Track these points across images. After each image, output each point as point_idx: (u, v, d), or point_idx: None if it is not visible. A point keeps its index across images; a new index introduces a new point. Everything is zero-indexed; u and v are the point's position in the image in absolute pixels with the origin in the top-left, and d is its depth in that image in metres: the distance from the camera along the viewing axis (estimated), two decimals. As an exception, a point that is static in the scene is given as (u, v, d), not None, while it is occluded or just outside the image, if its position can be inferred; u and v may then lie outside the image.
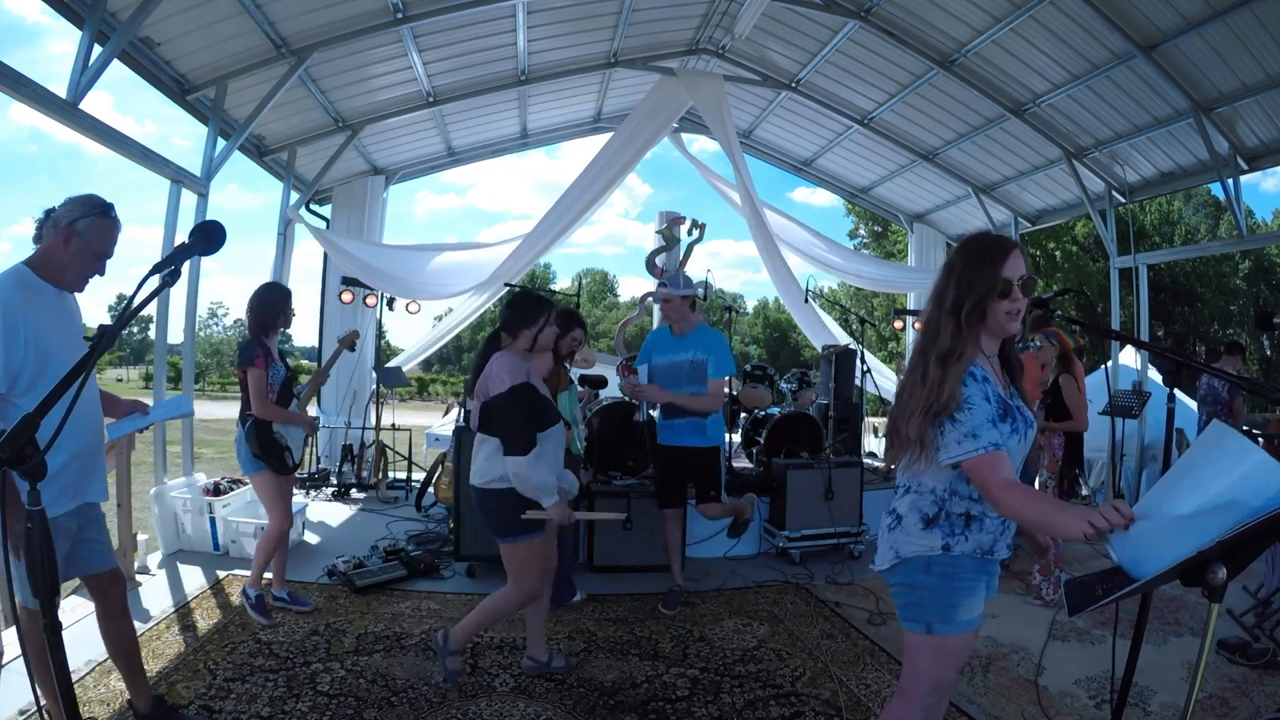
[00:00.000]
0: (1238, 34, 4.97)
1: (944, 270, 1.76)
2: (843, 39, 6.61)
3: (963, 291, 1.68)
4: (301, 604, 3.67)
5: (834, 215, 65.83)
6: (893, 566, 1.78)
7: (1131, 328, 8.10)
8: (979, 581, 1.74)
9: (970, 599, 1.73)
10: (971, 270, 1.69)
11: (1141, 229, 23.67)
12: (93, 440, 2.25)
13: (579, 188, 7.00)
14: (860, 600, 4.08)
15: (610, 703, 2.83)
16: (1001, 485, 1.55)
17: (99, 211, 2.15)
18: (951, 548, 1.70)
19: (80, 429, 2.12)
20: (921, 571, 1.72)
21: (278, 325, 3.57)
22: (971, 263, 1.70)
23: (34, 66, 3.62)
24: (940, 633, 1.72)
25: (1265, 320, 3.21)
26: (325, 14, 5.19)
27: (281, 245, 7.00)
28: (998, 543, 1.75)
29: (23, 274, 2.09)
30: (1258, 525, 1.12)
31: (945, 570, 1.70)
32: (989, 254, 1.69)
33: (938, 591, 1.71)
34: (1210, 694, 2.94)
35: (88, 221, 2.12)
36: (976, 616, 1.75)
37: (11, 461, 1.16)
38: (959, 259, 1.72)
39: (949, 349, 1.66)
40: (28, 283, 2.07)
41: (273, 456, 3.46)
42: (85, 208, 2.14)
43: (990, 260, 1.68)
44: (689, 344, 3.85)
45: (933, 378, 1.65)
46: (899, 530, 1.78)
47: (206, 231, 1.69)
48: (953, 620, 1.71)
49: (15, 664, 2.40)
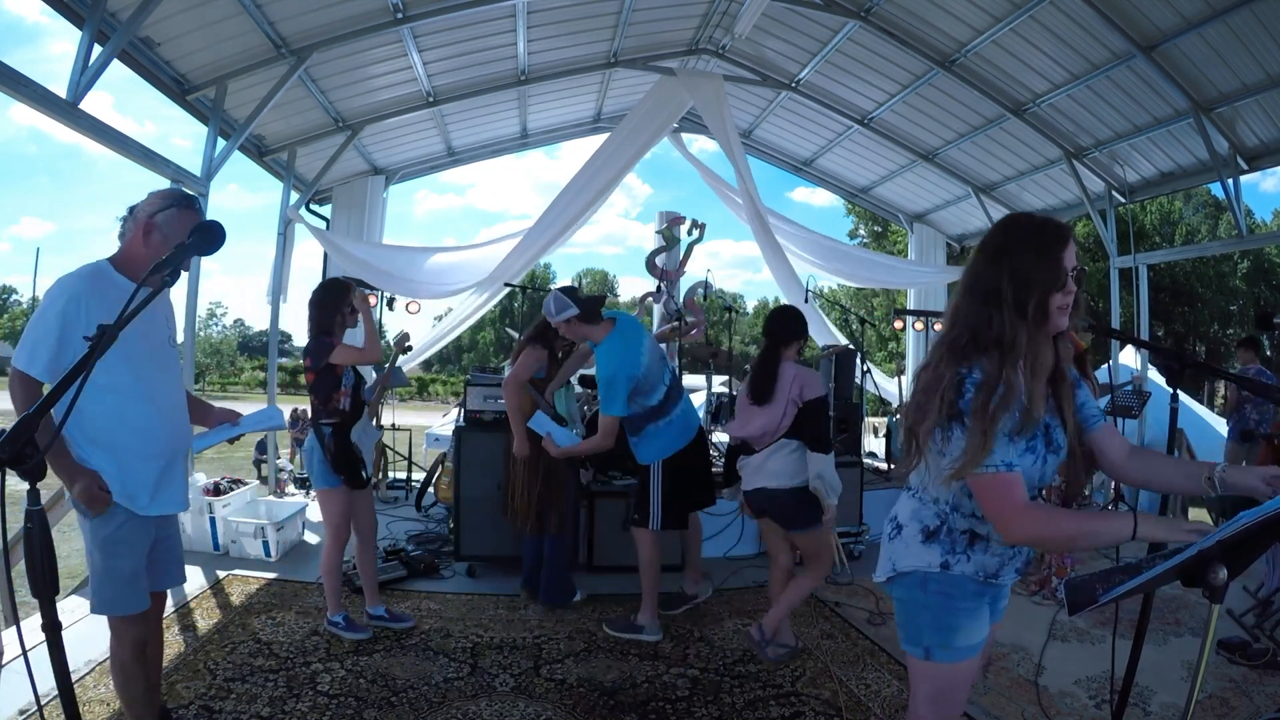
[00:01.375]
0: (1238, 34, 4.97)
1: (986, 258, 1.50)
2: (843, 39, 6.61)
3: (1020, 285, 1.43)
4: (404, 621, 3.48)
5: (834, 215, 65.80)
6: (890, 579, 1.66)
7: (1131, 328, 8.10)
8: (980, 604, 1.59)
9: (972, 622, 1.58)
10: (1030, 260, 1.45)
11: (1142, 229, 23.67)
12: (172, 446, 2.15)
13: (578, 187, 7.00)
14: (860, 600, 4.08)
15: (610, 703, 2.83)
16: (1016, 507, 1.39)
17: (180, 203, 2.08)
18: (950, 566, 1.56)
19: (159, 433, 2.08)
20: (918, 588, 1.59)
21: (339, 326, 3.37)
22: (1029, 251, 1.46)
23: (34, 66, 3.62)
24: (940, 659, 1.59)
25: (1265, 320, 3.20)
26: (325, 14, 5.19)
27: (281, 245, 7.00)
28: (1004, 567, 1.58)
29: (101, 270, 2.02)
30: (1258, 525, 1.11)
31: (943, 589, 1.56)
32: (1047, 241, 1.46)
33: (936, 612, 1.58)
34: (1210, 694, 2.94)
35: (167, 214, 2.04)
36: (981, 641, 1.61)
37: (11, 461, 1.15)
38: (1013, 244, 1.47)
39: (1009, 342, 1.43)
40: (105, 279, 1.99)
41: (350, 469, 3.26)
42: (165, 200, 2.07)
43: (1049, 248, 1.45)
44: (598, 363, 3.46)
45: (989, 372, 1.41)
46: (898, 540, 1.64)
47: (206, 231, 1.69)
48: (952, 645, 1.57)
49: (15, 664, 2.40)
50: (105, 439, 1.98)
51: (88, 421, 1.93)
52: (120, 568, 2.02)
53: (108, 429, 1.98)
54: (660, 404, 3.42)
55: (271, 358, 7.73)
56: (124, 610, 2.04)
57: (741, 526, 5.04)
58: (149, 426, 2.05)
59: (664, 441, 3.45)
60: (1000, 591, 1.64)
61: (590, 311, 3.36)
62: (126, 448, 2.01)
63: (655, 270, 7.83)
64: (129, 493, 2.01)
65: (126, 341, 1.82)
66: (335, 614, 3.36)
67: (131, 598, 2.05)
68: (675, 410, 3.48)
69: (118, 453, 2.00)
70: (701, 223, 8.02)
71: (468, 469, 4.45)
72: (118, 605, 2.04)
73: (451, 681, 2.95)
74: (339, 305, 3.32)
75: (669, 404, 3.45)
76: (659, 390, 3.42)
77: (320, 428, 3.24)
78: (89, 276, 1.97)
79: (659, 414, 3.43)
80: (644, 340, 3.43)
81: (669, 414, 3.45)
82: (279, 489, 6.42)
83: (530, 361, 3.77)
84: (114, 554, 2.01)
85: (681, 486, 3.53)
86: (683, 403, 3.56)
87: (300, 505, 5.07)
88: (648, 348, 3.42)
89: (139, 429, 2.02)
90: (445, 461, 5.61)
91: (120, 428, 1.99)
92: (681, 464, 3.50)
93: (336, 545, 3.34)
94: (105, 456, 1.98)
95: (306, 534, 5.13)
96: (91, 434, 1.97)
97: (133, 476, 2.02)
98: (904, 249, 12.91)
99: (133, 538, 2.04)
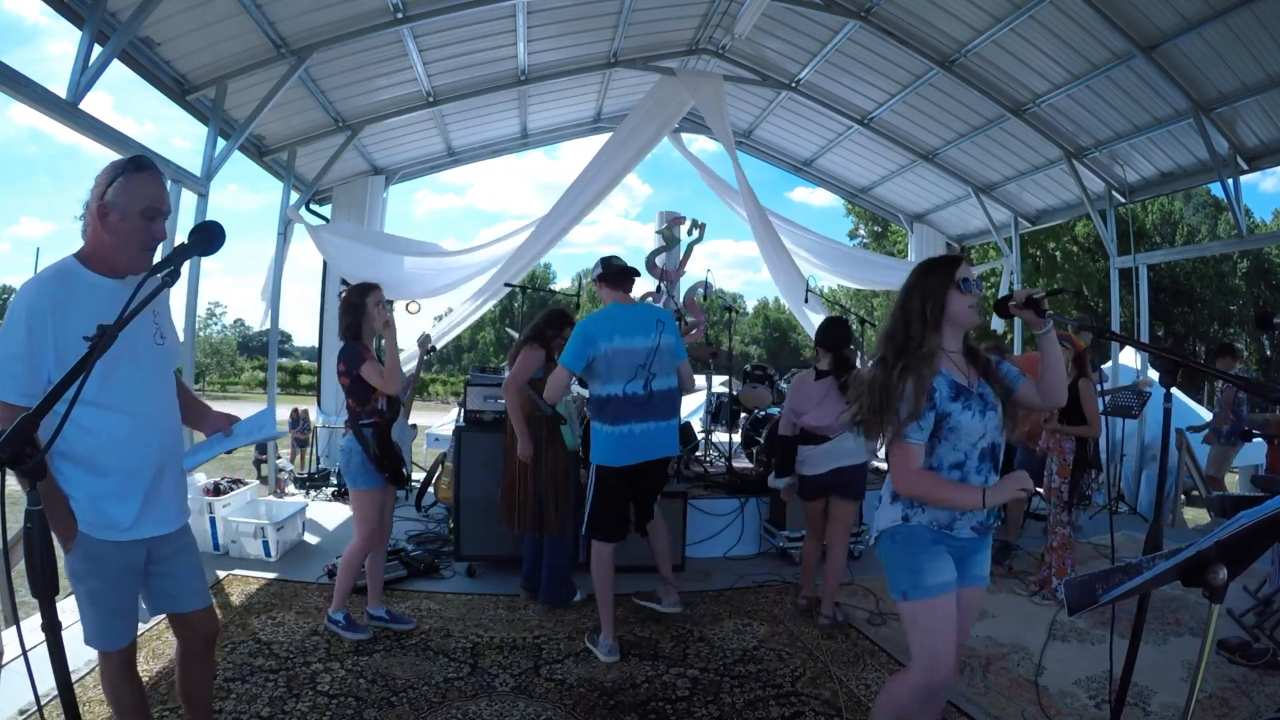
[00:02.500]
0: (1238, 34, 4.97)
1: (903, 290, 2.06)
2: (843, 39, 6.61)
3: (925, 296, 1.98)
4: (405, 623, 3.47)
5: (834, 215, 65.88)
6: (875, 541, 2.07)
7: (1132, 328, 8.10)
8: (939, 550, 1.95)
9: (934, 562, 1.94)
10: (931, 279, 2.01)
11: (1142, 229, 23.67)
12: (158, 458, 1.88)
13: (580, 187, 7.00)
14: (860, 600, 4.08)
15: (610, 703, 2.83)
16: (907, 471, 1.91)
17: (125, 170, 1.78)
18: (910, 519, 1.96)
19: (137, 444, 1.82)
20: (890, 541, 2.00)
21: (371, 331, 3.33)
22: (929, 274, 2.02)
23: (34, 66, 3.62)
24: (915, 598, 1.94)
25: (1265, 320, 3.21)
26: (325, 14, 5.19)
27: (281, 245, 7.00)
28: (956, 521, 1.95)
29: (66, 270, 1.76)
30: (1258, 525, 1.11)
31: (906, 539, 1.96)
32: (941, 263, 2.06)
33: (903, 558, 1.96)
34: (1210, 694, 2.94)
35: (116, 186, 1.75)
36: (948, 581, 1.93)
37: (10, 462, 1.15)
38: (917, 275, 2.04)
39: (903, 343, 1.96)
40: (73, 279, 1.74)
41: (394, 467, 3.25)
42: (111, 173, 1.78)
43: (942, 267, 2.02)
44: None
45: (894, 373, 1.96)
46: (879, 509, 2.07)
47: (206, 232, 1.68)
48: (922, 585, 1.93)
49: (15, 664, 2.40)
50: (77, 455, 1.74)
51: (60, 438, 1.72)
52: (103, 600, 1.81)
53: (78, 444, 1.72)
54: (606, 402, 3.29)
55: (271, 358, 7.73)
56: (112, 645, 1.86)
57: (741, 527, 5.05)
58: (124, 437, 1.78)
59: (600, 448, 3.35)
60: (962, 545, 1.98)
61: (606, 271, 3.48)
62: (99, 463, 1.76)
63: (655, 270, 7.83)
64: (104, 516, 1.77)
65: (82, 343, 1.59)
66: (337, 611, 3.34)
67: (117, 631, 1.85)
68: (625, 427, 3.29)
69: (91, 469, 1.75)
70: (701, 223, 8.03)
71: (468, 469, 4.46)
72: (105, 639, 1.84)
73: (451, 681, 2.95)
74: (363, 314, 3.30)
75: (622, 415, 3.28)
76: (613, 385, 3.27)
77: (360, 429, 3.23)
78: (51, 280, 1.73)
79: (605, 415, 3.31)
80: (625, 328, 3.31)
81: (615, 424, 3.29)
82: (279, 489, 6.42)
83: (529, 362, 3.77)
84: (91, 586, 1.79)
85: (612, 504, 3.38)
86: (641, 425, 3.30)
87: (300, 505, 5.07)
88: (627, 340, 3.29)
89: (113, 440, 1.76)
90: (445, 461, 5.62)
91: (89, 438, 1.73)
92: (617, 483, 3.37)
93: (365, 546, 3.32)
94: (76, 473, 1.75)
95: (306, 534, 5.13)
96: (63, 450, 1.72)
97: (108, 496, 1.77)
98: (904, 249, 12.92)
99: (112, 568, 1.80)
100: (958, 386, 1.94)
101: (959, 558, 1.98)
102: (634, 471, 3.36)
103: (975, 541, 1.99)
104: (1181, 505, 6.70)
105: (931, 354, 1.93)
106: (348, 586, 3.36)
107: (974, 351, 2.06)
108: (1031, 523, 5.80)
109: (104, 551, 1.79)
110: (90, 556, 1.77)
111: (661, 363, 3.35)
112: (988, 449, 1.97)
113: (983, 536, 2.01)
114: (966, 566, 2.00)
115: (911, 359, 1.92)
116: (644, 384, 3.32)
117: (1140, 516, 6.58)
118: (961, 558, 1.99)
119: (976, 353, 2.06)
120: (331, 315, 7.66)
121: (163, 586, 1.94)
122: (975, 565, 2.03)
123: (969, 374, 2.01)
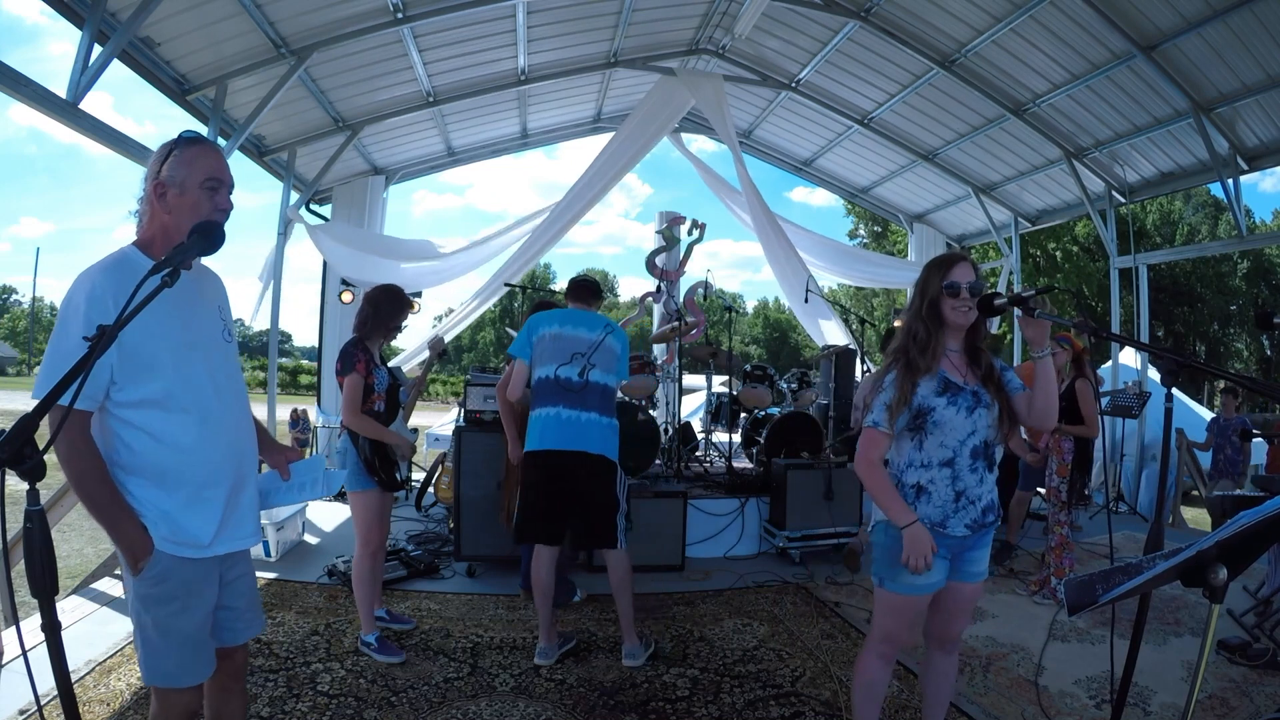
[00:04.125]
0: (1238, 34, 4.98)
1: (915, 288, 2.13)
2: (843, 39, 6.62)
3: (920, 295, 2.08)
4: (404, 622, 3.46)
5: (834, 215, 65.99)
6: (871, 529, 2.13)
7: (1132, 328, 8.10)
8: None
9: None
10: (925, 279, 2.09)
11: (1142, 229, 23.68)
12: (236, 465, 1.74)
13: (580, 187, 7.01)
14: (860, 600, 4.08)
15: (610, 703, 2.83)
16: (865, 459, 2.01)
17: (179, 144, 1.66)
18: None
19: (213, 451, 1.67)
20: (883, 533, 2.04)
21: (382, 334, 3.28)
22: (930, 271, 2.09)
23: (34, 66, 3.63)
24: (887, 588, 2.03)
25: (1265, 320, 3.19)
26: (325, 14, 5.19)
27: (281, 245, 7.01)
28: (949, 519, 1.97)
29: (125, 259, 1.61)
30: (1258, 526, 1.11)
31: (895, 533, 1.96)
32: (939, 262, 2.09)
33: (889, 550, 2.00)
34: (1210, 694, 2.94)
35: (171, 161, 1.63)
36: (926, 584, 1.97)
37: (11, 461, 1.15)
38: (923, 273, 2.10)
39: (910, 339, 2.05)
40: (131, 268, 1.55)
41: (386, 470, 3.18)
42: (165, 150, 1.65)
43: (941, 267, 2.05)
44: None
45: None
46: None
47: (205, 232, 1.66)
48: (900, 581, 1.98)
49: (15, 664, 2.40)
50: (143, 466, 1.59)
51: (124, 447, 1.57)
52: (178, 628, 1.61)
53: (145, 452, 1.58)
54: (539, 385, 3.24)
55: (272, 358, 7.73)
56: (182, 682, 1.63)
57: (741, 527, 5.05)
58: (198, 444, 1.63)
59: (529, 433, 3.26)
60: (955, 543, 1.99)
61: (569, 286, 3.58)
62: (172, 474, 1.61)
63: (655, 270, 7.83)
64: (183, 531, 1.61)
65: (155, 338, 1.56)
66: (369, 633, 3.18)
67: (193, 665, 1.64)
68: (550, 410, 3.18)
69: (164, 480, 1.60)
70: (701, 223, 8.04)
71: (468, 469, 4.46)
72: (175, 676, 1.62)
73: (451, 681, 2.95)
74: (395, 315, 3.27)
75: (549, 397, 3.20)
76: (545, 368, 3.22)
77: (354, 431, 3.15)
78: (111, 269, 1.57)
79: (535, 399, 3.25)
80: (569, 321, 3.31)
81: (540, 407, 3.22)
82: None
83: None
84: (166, 611, 1.60)
85: (529, 495, 3.21)
86: (569, 412, 3.17)
87: (298, 506, 5.07)
88: (569, 329, 3.28)
89: (186, 447, 1.61)
90: (445, 461, 5.61)
91: (160, 449, 1.59)
92: (531, 471, 3.21)
93: (367, 552, 3.21)
94: (147, 488, 1.59)
95: (306, 534, 5.13)
96: (126, 462, 1.58)
97: (186, 509, 1.62)
98: (904, 249, 12.91)
99: (192, 588, 1.63)
100: (948, 382, 1.99)
101: (953, 554, 2.01)
102: (548, 461, 3.15)
103: (970, 538, 2.01)
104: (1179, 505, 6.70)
105: (928, 348, 1.98)
106: (368, 600, 3.21)
107: (978, 352, 2.08)
108: (1032, 522, 5.80)
109: (183, 570, 1.62)
110: (165, 577, 1.59)
111: (604, 359, 3.25)
112: (979, 447, 2.00)
113: (978, 533, 2.02)
114: (961, 563, 2.03)
115: (911, 352, 1.99)
116: (580, 371, 3.21)
117: (1140, 516, 6.59)
118: (956, 554, 2.02)
119: (981, 353, 2.09)
120: (331, 315, 7.68)
121: (229, 613, 1.76)
122: (971, 562, 2.05)
123: (966, 373, 2.04)
